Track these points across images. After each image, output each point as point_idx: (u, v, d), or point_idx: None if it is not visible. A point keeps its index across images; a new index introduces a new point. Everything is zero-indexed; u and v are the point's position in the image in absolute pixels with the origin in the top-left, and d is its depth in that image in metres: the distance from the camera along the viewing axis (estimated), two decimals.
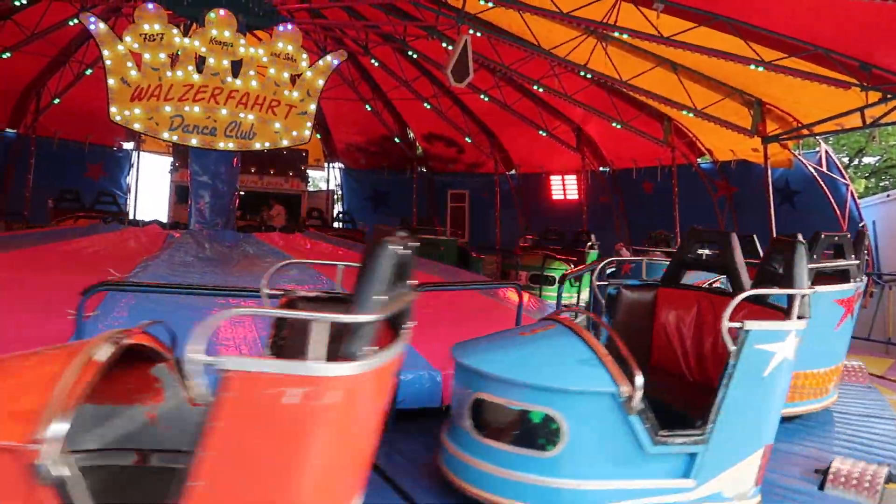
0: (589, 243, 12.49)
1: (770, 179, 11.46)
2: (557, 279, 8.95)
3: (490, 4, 9.58)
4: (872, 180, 25.36)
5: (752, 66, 8.77)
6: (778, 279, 3.23)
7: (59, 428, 1.44)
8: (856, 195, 12.54)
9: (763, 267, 3.47)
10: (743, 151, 12.83)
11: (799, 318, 2.96)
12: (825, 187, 12.23)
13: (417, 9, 11.27)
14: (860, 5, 6.86)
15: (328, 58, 9.39)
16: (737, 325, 2.78)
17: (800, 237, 3.25)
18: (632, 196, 15.99)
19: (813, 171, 12.30)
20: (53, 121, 14.60)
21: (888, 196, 12.77)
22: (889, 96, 8.42)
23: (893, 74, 8.02)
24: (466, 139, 16.72)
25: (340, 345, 1.69)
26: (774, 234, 10.73)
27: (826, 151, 12.51)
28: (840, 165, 12.97)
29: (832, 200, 12.10)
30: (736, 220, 13.84)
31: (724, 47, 8.77)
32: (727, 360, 2.81)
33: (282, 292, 2.71)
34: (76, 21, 9.61)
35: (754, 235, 6.82)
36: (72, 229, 9.68)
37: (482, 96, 13.65)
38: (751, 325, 2.80)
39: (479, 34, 10.59)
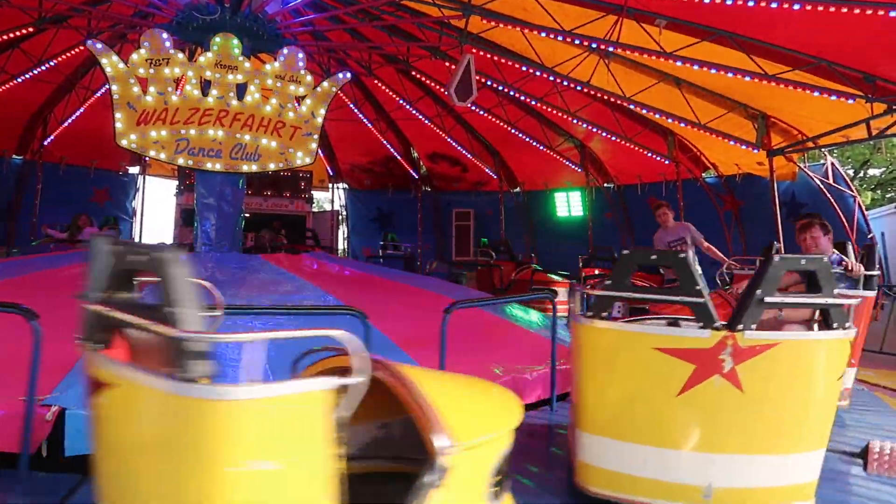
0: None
1: (776, 193, 11.40)
2: None
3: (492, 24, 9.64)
4: (878, 192, 25.31)
5: (750, 79, 8.77)
6: None
7: None
8: (863, 207, 12.45)
9: None
10: (748, 165, 12.79)
11: None
12: (832, 199, 12.16)
13: (420, 30, 11.35)
14: (863, 18, 6.86)
15: (332, 79, 9.43)
16: None
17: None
18: (637, 212, 15.95)
19: (819, 183, 12.25)
20: (60, 146, 14.70)
21: None
22: (894, 107, 8.40)
23: None
24: (468, 155, 16.73)
25: None
26: (782, 248, 10.66)
27: (832, 164, 12.46)
28: (846, 177, 12.90)
29: (839, 213, 12.01)
30: (743, 233, 13.76)
31: (727, 61, 8.78)
32: None
33: None
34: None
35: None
36: (76, 254, 9.65)
37: (484, 113, 13.67)
38: None
39: (482, 53, 10.64)
